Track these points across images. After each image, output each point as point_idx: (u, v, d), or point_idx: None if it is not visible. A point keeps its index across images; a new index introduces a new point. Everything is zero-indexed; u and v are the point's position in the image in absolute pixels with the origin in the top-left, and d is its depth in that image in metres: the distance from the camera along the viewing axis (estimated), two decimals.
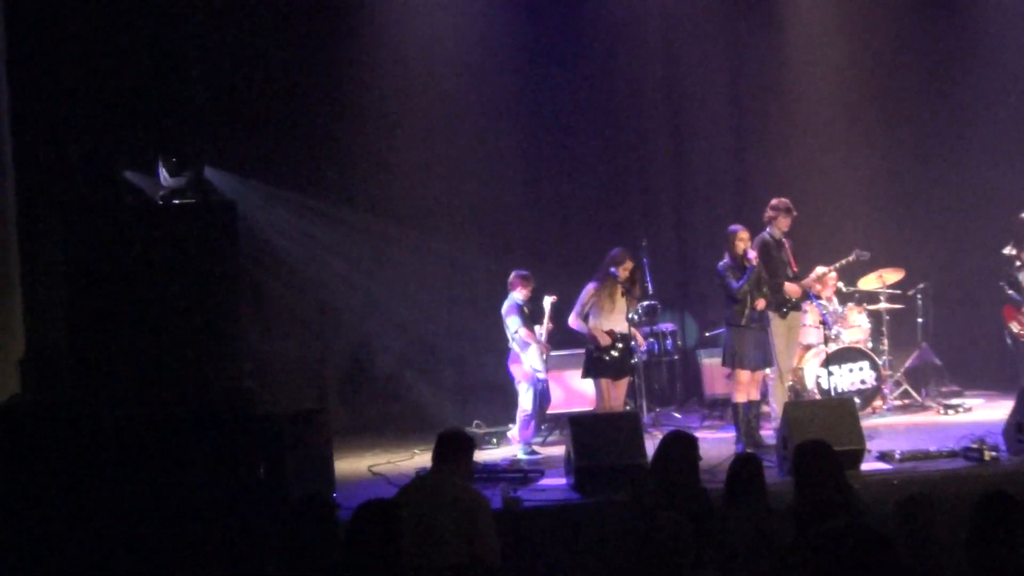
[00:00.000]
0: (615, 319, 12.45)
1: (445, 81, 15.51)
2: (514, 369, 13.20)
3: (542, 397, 13.25)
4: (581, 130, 16.09)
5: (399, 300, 15.50)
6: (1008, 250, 13.73)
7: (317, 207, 15.06)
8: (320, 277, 15.23)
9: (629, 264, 12.48)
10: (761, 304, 11.97)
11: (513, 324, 12.97)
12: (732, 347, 12.11)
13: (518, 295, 13.04)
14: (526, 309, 13.14)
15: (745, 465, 7.76)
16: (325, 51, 15.02)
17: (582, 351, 12.85)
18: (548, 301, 13.27)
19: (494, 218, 15.86)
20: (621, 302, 12.46)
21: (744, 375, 12.06)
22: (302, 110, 15.00)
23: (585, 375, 12.76)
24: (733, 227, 12.26)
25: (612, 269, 12.38)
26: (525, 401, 13.11)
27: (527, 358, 13.02)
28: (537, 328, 13.15)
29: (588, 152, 16.18)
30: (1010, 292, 13.69)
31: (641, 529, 6.26)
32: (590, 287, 12.51)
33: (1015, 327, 13.74)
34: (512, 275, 13.15)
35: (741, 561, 6.94)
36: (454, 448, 7.73)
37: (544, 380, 13.20)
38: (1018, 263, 13.65)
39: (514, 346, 13.10)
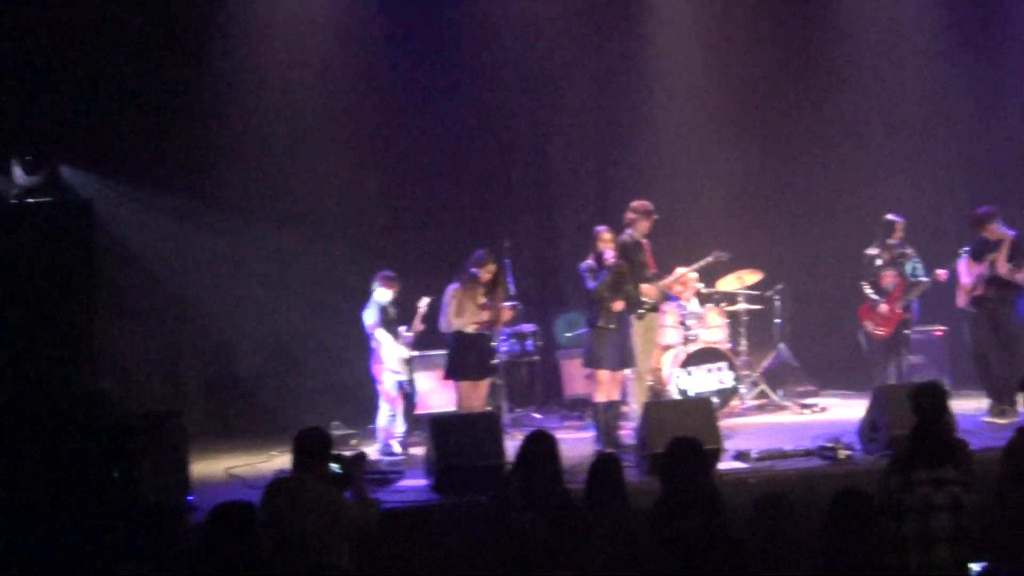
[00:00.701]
0: (479, 320, 12.45)
1: (306, 81, 15.32)
2: (376, 370, 13.09)
3: (404, 398, 13.16)
4: (444, 131, 15.97)
5: (261, 300, 15.28)
6: (872, 250, 13.97)
7: (176, 206, 14.76)
8: (180, 277, 14.93)
9: (492, 266, 12.48)
10: (619, 306, 11.99)
11: (368, 321, 12.88)
12: (592, 347, 12.12)
13: (381, 296, 12.94)
14: (391, 310, 13.05)
15: (605, 465, 7.78)
16: (183, 48, 14.74)
17: (445, 352, 12.83)
18: (424, 302, 13.21)
19: (357, 218, 15.73)
20: (482, 302, 12.47)
21: (604, 375, 12.07)
22: (161, 108, 14.67)
23: (447, 376, 12.74)
24: (598, 228, 12.29)
25: (474, 270, 12.37)
26: (384, 402, 13.02)
27: (386, 358, 12.93)
28: (402, 329, 13.07)
29: (452, 153, 16.08)
30: (869, 292, 13.91)
31: (500, 529, 6.24)
32: (452, 288, 12.48)
33: (869, 326, 13.97)
34: (376, 275, 13.05)
35: (600, 560, 6.95)
36: (310, 450, 7.67)
37: (404, 381, 13.12)
38: (879, 263, 13.88)
39: (382, 349, 13.01)
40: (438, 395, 13.97)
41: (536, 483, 7.75)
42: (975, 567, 6.86)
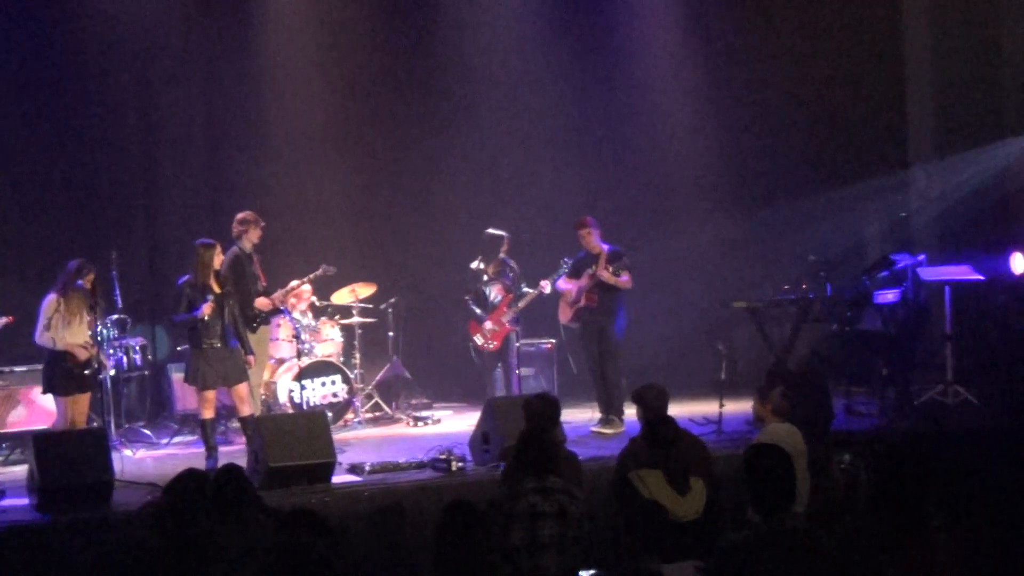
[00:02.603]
0: (82, 332, 11.90)
1: None
2: None
3: None
4: (47, 137, 15.17)
5: None
6: (476, 264, 14.17)
7: None
8: None
9: (91, 276, 11.96)
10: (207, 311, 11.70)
11: None
12: (194, 367, 11.83)
13: None
14: None
15: (229, 477, 7.54)
16: None
17: (40, 366, 12.22)
18: (2, 321, 12.53)
19: None
20: (84, 315, 11.93)
21: (210, 393, 11.82)
22: None
23: (46, 390, 12.12)
24: (201, 240, 11.98)
25: (79, 282, 11.84)
26: None
27: None
28: None
29: (55, 160, 15.25)
30: (474, 307, 14.13)
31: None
32: (51, 299, 11.86)
33: (479, 340, 14.20)
34: None
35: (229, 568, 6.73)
36: None
37: None
38: (485, 277, 14.10)
39: None
40: (32, 411, 13.38)
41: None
42: (584, 574, 6.99)
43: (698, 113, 17.05)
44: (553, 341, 15.14)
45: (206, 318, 11.61)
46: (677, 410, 9.21)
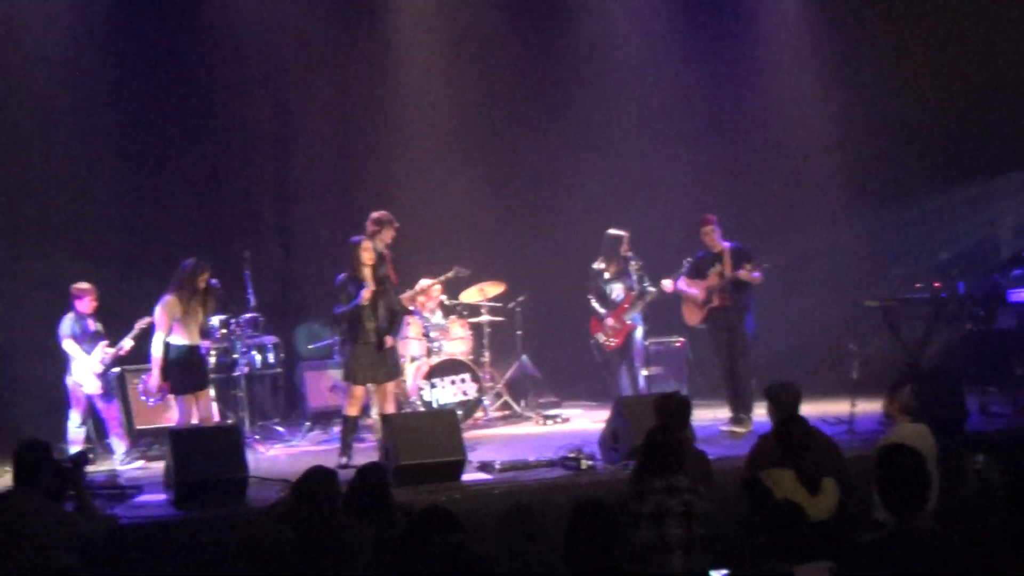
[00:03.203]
0: (195, 332, 12.07)
1: (35, 81, 14.73)
2: (68, 382, 12.73)
3: (92, 412, 12.83)
4: (183, 138, 15.56)
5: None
6: (597, 264, 14.19)
7: None
8: None
9: (206, 275, 12.13)
10: (389, 342, 11.91)
11: (62, 336, 12.63)
12: (348, 362, 11.98)
13: (79, 308, 12.61)
14: (92, 322, 12.77)
15: (370, 475, 7.66)
16: None
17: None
18: (143, 322, 12.73)
19: (90, 228, 15.10)
20: (199, 314, 12.12)
21: (359, 390, 11.96)
22: None
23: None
24: (355, 239, 12.13)
25: (193, 281, 12.00)
26: (73, 412, 12.73)
27: (74, 370, 12.59)
28: (103, 344, 12.67)
29: (191, 161, 15.66)
30: (595, 305, 14.15)
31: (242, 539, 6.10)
32: (168, 300, 11.95)
33: (601, 338, 14.19)
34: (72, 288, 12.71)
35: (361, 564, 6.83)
36: (28, 463, 7.61)
37: (93, 395, 12.71)
38: (606, 276, 14.12)
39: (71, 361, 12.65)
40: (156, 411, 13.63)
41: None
42: (715, 574, 6.97)
43: (828, 108, 16.84)
44: (682, 340, 15.11)
45: (365, 304, 11.74)
46: (808, 409, 9.13)
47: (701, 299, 13.23)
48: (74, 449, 12.23)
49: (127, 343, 12.82)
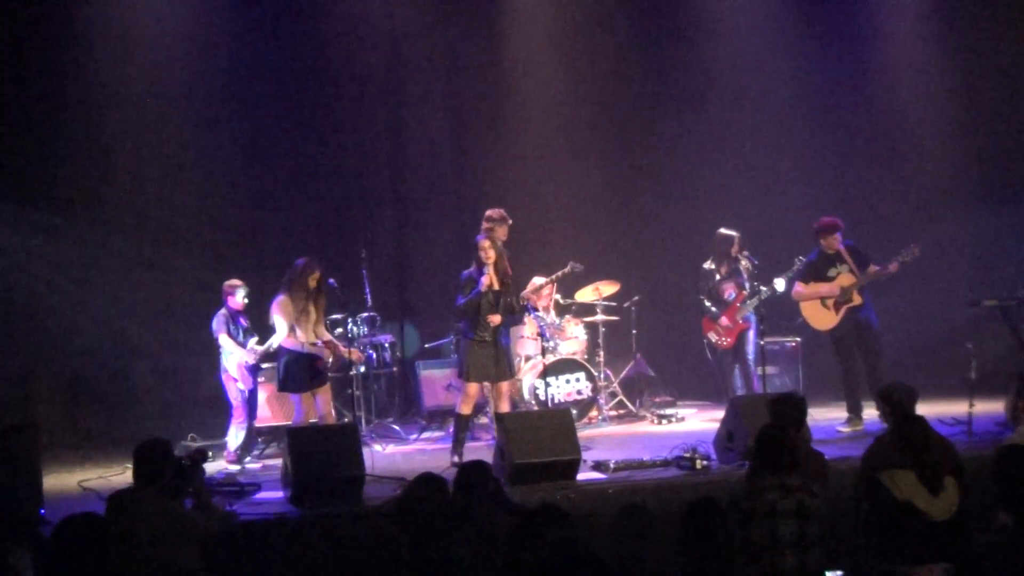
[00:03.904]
0: (310, 331, 12.17)
1: (155, 86, 15.00)
2: (223, 378, 12.85)
3: (248, 409, 12.91)
4: (300, 139, 15.80)
5: (113, 310, 14.84)
6: (708, 264, 14.13)
7: (22, 215, 14.36)
8: (28, 287, 14.51)
9: (317, 274, 12.23)
10: (495, 319, 11.92)
11: (216, 331, 12.71)
12: (463, 359, 12.06)
13: (231, 304, 12.75)
14: (243, 320, 12.85)
15: (473, 472, 7.72)
16: (35, 52, 14.34)
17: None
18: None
19: (211, 227, 15.41)
20: (312, 313, 12.21)
21: (472, 388, 12.02)
22: (8, 113, 14.29)
23: (281, 389, 12.38)
24: (479, 238, 12.20)
25: (304, 280, 12.10)
26: (235, 413, 12.82)
27: (228, 365, 12.71)
28: (252, 340, 12.81)
29: (306, 161, 15.87)
30: (708, 304, 14.08)
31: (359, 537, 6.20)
32: (282, 299, 12.06)
33: (713, 337, 14.13)
34: (224, 283, 12.87)
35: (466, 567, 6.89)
36: (149, 462, 7.67)
37: (245, 391, 12.85)
38: (718, 276, 14.05)
39: (224, 356, 12.77)
40: (283, 407, 13.72)
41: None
42: (831, 575, 6.92)
43: (948, 107, 16.55)
44: (798, 339, 14.95)
45: (486, 290, 11.77)
46: (925, 409, 9.01)
47: (835, 298, 13.08)
48: (233, 446, 12.53)
49: (276, 340, 12.78)
